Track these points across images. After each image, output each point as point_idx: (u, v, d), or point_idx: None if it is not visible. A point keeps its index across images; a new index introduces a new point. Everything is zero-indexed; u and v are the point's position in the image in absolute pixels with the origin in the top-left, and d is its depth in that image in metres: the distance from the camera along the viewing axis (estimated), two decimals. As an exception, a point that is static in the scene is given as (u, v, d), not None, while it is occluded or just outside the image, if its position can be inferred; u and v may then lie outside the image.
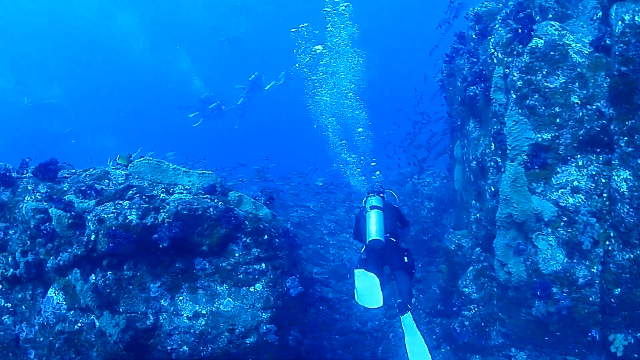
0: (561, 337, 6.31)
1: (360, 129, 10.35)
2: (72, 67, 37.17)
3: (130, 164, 6.78)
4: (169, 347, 5.86)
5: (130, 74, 38.56)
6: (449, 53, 8.97)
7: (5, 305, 6.24)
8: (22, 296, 6.21)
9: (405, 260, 6.86)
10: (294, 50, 11.07)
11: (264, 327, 5.92)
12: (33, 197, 6.15)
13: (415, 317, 8.54)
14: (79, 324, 5.93)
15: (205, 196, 6.39)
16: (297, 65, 11.05)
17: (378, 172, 10.04)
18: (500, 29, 6.94)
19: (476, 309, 7.49)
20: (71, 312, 5.96)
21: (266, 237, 6.32)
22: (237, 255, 6.14)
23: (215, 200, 6.34)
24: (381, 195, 7.41)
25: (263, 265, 6.16)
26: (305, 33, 10.92)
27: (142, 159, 6.73)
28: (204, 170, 6.97)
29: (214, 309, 5.93)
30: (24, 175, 6.49)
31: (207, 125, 19.81)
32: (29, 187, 6.30)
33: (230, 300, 5.98)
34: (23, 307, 6.19)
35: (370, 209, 7.03)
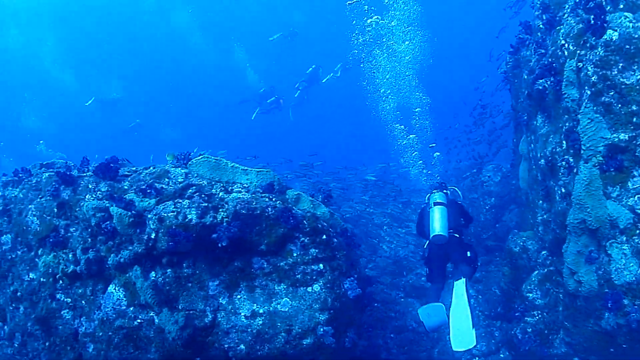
0: (628, 350, 6.10)
1: (418, 109, 10.35)
2: (131, 63, 38.45)
3: (189, 162, 7.01)
4: (226, 346, 6.06)
5: (187, 68, 39.59)
6: (514, 44, 8.76)
7: (65, 300, 6.59)
8: (82, 292, 6.54)
9: (469, 254, 7.13)
10: (353, 22, 11.06)
11: (321, 329, 6.02)
12: (94, 196, 6.46)
13: (474, 319, 8.57)
14: (139, 320, 6.22)
15: (263, 195, 6.52)
16: (356, 42, 11.00)
17: (437, 154, 10.04)
18: (569, 18, 6.71)
19: (540, 316, 7.38)
20: (131, 309, 6.25)
21: (324, 237, 6.38)
22: (295, 255, 6.24)
23: (274, 199, 6.46)
24: (445, 191, 7.56)
25: (321, 265, 6.24)
26: (365, 8, 10.86)
27: (200, 157, 6.93)
28: (262, 168, 7.15)
29: (271, 308, 6.07)
30: (84, 174, 6.82)
31: (261, 119, 20.31)
32: (90, 186, 6.62)
33: (288, 300, 6.11)
34: (83, 302, 6.52)
35: (434, 205, 7.28)
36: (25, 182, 7.33)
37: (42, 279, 6.65)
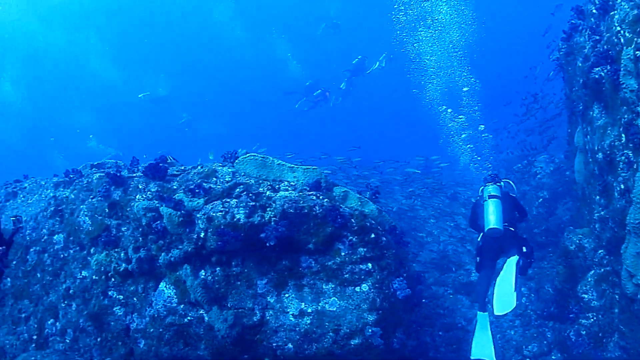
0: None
1: (466, 88, 10.28)
2: (175, 59, 39.34)
3: (236, 161, 7.19)
4: (274, 344, 6.21)
5: (229, 62, 40.17)
6: (567, 29, 8.57)
7: (117, 297, 6.91)
8: (134, 289, 6.83)
9: (524, 250, 7.14)
10: (395, 6, 11.04)
11: (369, 330, 6.09)
12: (144, 196, 6.72)
13: (525, 318, 8.52)
14: (189, 318, 6.46)
15: (310, 193, 6.62)
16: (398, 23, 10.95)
17: (482, 126, 9.97)
18: (623, 3, 6.50)
19: (595, 318, 7.26)
20: (181, 306, 6.50)
21: (373, 235, 6.44)
22: (343, 254, 6.33)
23: (321, 197, 6.55)
24: (499, 184, 7.56)
25: (369, 265, 6.30)
26: None
27: (247, 155, 7.10)
28: (308, 166, 7.26)
29: (319, 308, 6.17)
30: (134, 175, 7.10)
31: (304, 112, 20.51)
32: (140, 186, 6.90)
33: (336, 299, 6.20)
34: (135, 299, 6.82)
35: (489, 198, 7.30)
36: (76, 183, 7.70)
37: (94, 277, 6.99)
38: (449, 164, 14.07)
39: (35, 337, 7.43)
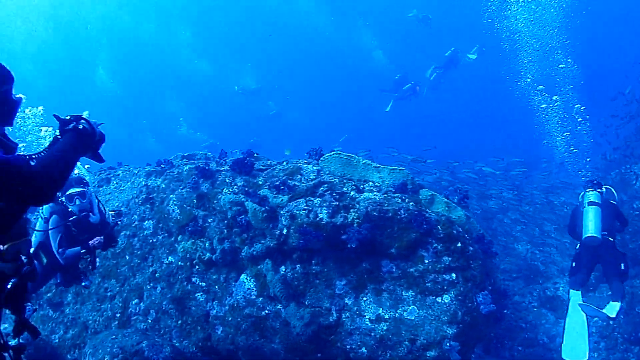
0: None
1: (561, 65, 9.84)
2: (263, 50, 40.42)
3: (321, 158, 7.27)
4: (348, 346, 6.22)
5: (315, 54, 40.72)
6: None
7: (200, 284, 7.18)
8: (216, 278, 7.08)
9: (622, 267, 6.90)
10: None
11: (448, 344, 5.94)
12: (230, 190, 6.95)
13: (611, 341, 8.05)
14: (266, 311, 6.61)
15: (395, 195, 6.57)
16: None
17: (581, 106, 9.56)
18: None
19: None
20: (260, 299, 6.66)
21: (459, 244, 6.29)
22: (426, 262, 6.23)
23: (407, 201, 6.49)
24: (599, 190, 7.34)
25: (454, 275, 6.16)
26: None
27: (332, 153, 7.16)
28: (395, 166, 7.18)
29: (397, 315, 6.12)
30: (222, 168, 7.35)
31: (385, 107, 20.29)
32: (227, 180, 7.13)
33: (415, 308, 6.12)
34: (216, 287, 7.06)
35: (588, 205, 7.12)
36: (167, 173, 8.08)
37: (180, 263, 7.30)
38: (545, 164, 13.51)
39: (118, 315, 7.85)
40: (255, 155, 7.70)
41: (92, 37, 39.08)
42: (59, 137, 2.35)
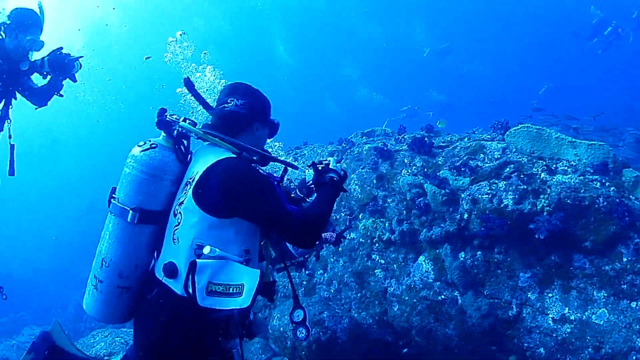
0: None
1: None
2: (435, 9, 39.68)
3: (506, 133, 6.88)
4: (525, 344, 5.96)
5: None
6: None
7: (379, 261, 7.48)
8: (395, 257, 7.30)
9: None
10: None
11: (634, 357, 5.32)
12: (409, 171, 7.03)
13: None
14: (442, 296, 6.64)
15: (593, 178, 5.99)
16: None
17: None
18: None
19: None
20: (437, 283, 6.71)
21: (670, 242, 5.55)
22: (624, 260, 5.62)
23: (607, 185, 5.89)
24: None
25: (658, 279, 5.50)
26: None
27: (519, 127, 6.71)
28: (593, 141, 6.43)
29: (584, 317, 5.66)
30: (400, 148, 7.45)
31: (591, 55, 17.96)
32: (406, 160, 7.23)
33: (605, 312, 5.59)
34: (394, 266, 7.29)
35: None
36: (348, 153, 8.46)
37: (361, 240, 7.68)
38: None
39: (305, 282, 8.55)
40: (435, 128, 7.59)
41: (266, 16, 41.46)
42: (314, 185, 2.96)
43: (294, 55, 43.61)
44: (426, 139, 7.30)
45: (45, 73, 4.67)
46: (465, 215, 6.31)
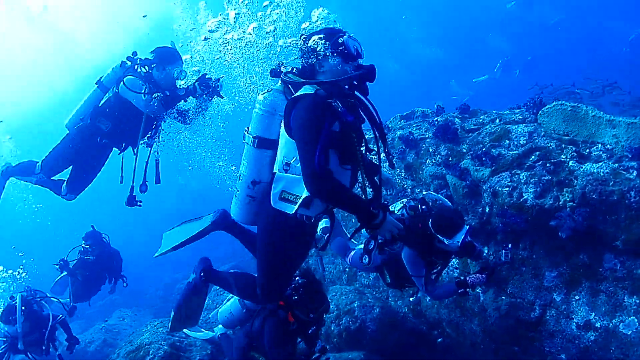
0: None
1: None
2: None
3: (539, 112, 6.28)
4: (546, 348, 5.59)
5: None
6: None
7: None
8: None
9: None
10: None
11: None
12: (433, 161, 6.71)
13: None
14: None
15: (630, 165, 5.32)
16: None
17: None
18: None
19: None
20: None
21: None
22: (660, 264, 5.04)
23: (643, 176, 5.22)
24: None
25: (693, 287, 4.86)
26: None
27: (553, 104, 6.08)
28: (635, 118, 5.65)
29: (610, 325, 5.15)
30: (426, 135, 7.12)
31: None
32: (430, 149, 6.90)
33: (635, 320, 5.03)
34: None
35: None
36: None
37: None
38: None
39: (347, 269, 8.58)
40: (470, 110, 7.07)
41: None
42: None
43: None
44: (451, 123, 6.87)
45: (198, 95, 5.39)
46: (487, 209, 5.97)
